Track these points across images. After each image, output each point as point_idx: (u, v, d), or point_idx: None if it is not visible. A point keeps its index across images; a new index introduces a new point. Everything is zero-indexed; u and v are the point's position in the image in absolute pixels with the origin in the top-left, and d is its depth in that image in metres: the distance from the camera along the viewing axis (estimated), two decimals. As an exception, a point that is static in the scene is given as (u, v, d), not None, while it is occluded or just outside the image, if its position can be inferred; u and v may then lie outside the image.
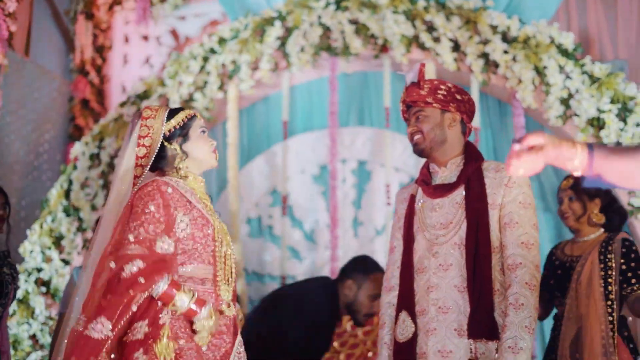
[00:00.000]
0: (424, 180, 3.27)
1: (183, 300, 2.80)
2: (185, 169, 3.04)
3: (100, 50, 7.23)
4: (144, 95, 6.19)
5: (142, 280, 2.73)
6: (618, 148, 2.06)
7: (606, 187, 2.13)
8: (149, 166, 3.01)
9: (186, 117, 3.07)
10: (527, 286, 2.99)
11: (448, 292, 3.07)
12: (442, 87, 3.23)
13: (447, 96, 3.20)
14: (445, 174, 3.23)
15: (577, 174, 2.04)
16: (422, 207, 3.23)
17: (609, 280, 3.63)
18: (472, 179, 3.14)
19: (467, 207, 3.10)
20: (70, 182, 6.10)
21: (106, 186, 6.10)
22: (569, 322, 3.70)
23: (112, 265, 2.75)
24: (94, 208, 6.04)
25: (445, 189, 3.18)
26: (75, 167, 6.13)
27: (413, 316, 3.12)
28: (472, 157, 3.22)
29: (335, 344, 5.31)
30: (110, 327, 2.68)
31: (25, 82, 6.55)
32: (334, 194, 6.02)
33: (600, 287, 3.62)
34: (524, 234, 3.05)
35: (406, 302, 3.16)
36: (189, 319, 2.83)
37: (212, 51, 6.16)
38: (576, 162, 2.02)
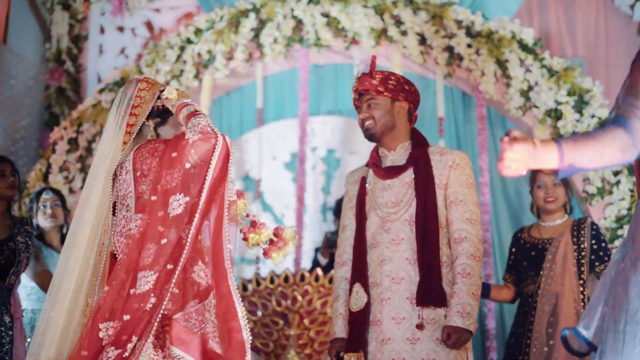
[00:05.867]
0: (375, 163, 3.53)
1: None
2: None
3: (76, 40, 7.36)
4: (121, 83, 6.39)
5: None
6: (580, 136, 2.26)
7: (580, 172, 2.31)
8: (134, 135, 3.07)
9: None
10: (472, 257, 3.29)
11: (400, 264, 3.33)
12: (392, 77, 3.50)
13: (397, 86, 3.47)
14: (395, 157, 3.49)
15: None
16: (373, 187, 3.48)
17: (582, 260, 3.96)
18: (419, 161, 3.42)
19: (416, 187, 3.38)
20: (49, 165, 6.28)
21: (84, 170, 6.29)
22: (544, 299, 4.00)
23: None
24: (71, 191, 6.23)
25: (395, 171, 3.45)
26: (54, 151, 6.32)
27: (366, 287, 3.38)
28: (419, 142, 3.50)
29: (306, 321, 5.54)
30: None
31: (2, 68, 6.68)
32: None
33: (574, 266, 3.95)
34: (468, 211, 3.35)
35: (359, 274, 3.41)
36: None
37: (189, 41, 6.38)
38: (550, 159, 2.20)
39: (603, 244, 4.02)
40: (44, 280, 4.47)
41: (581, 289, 3.92)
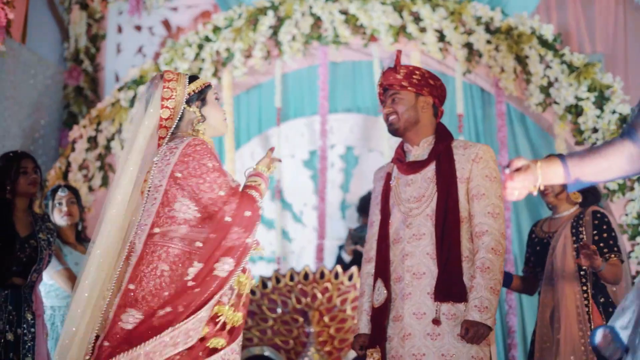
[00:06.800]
0: (399, 158, 3.52)
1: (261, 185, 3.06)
2: (203, 130, 3.16)
3: (94, 39, 7.39)
4: (140, 81, 6.41)
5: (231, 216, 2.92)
6: (586, 151, 2.34)
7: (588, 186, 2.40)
8: (172, 128, 3.09)
9: (203, 84, 3.20)
10: (492, 251, 3.25)
11: (421, 259, 3.32)
12: (417, 72, 3.49)
13: (421, 81, 3.46)
14: (418, 152, 3.47)
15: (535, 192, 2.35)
16: (397, 183, 3.48)
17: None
18: (442, 155, 3.40)
19: (437, 181, 3.36)
20: (68, 164, 6.31)
21: (103, 168, 6.32)
22: (547, 294, 3.96)
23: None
24: (90, 189, 6.25)
25: (417, 166, 3.44)
26: (73, 149, 6.35)
27: (387, 283, 3.37)
28: (442, 136, 3.48)
29: (326, 318, 5.54)
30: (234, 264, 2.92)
31: (21, 68, 6.70)
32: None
33: (573, 259, 3.88)
34: (490, 205, 3.31)
35: (382, 270, 3.42)
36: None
37: (207, 39, 6.39)
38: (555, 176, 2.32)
39: (605, 235, 3.87)
40: (65, 279, 4.48)
41: (582, 280, 3.87)
